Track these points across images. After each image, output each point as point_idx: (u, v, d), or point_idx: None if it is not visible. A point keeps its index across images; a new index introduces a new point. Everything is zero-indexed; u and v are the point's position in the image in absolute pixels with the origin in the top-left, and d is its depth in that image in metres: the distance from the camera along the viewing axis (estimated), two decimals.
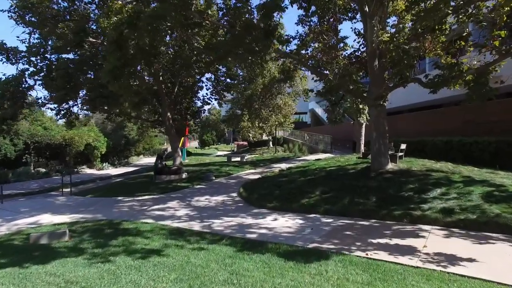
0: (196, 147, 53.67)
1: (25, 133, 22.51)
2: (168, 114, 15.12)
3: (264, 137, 35.73)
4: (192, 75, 15.64)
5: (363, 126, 16.44)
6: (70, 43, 8.92)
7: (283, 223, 5.86)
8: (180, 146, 25.23)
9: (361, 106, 15.77)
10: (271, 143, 32.65)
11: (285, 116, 29.14)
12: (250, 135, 32.43)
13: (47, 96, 10.75)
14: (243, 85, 31.10)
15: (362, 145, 16.46)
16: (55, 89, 8.88)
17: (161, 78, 15.21)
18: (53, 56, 9.04)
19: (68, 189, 12.62)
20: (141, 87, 9.68)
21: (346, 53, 9.92)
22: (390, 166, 8.53)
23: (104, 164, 28.28)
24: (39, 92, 48.69)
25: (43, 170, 22.86)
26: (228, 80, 19.29)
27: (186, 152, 30.66)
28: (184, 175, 12.65)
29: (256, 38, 7.59)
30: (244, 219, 6.30)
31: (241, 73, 31.26)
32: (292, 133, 34.13)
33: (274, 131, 30.05)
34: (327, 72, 8.67)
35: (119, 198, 9.01)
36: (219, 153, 38.39)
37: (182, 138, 24.49)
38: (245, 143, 40.67)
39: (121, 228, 5.67)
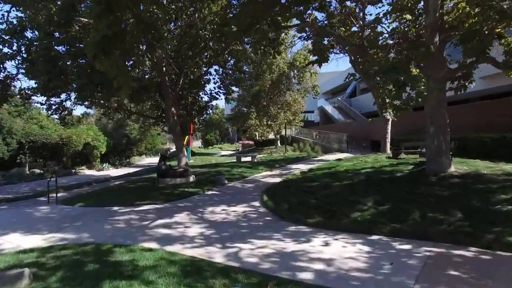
0: (199, 147, 51.99)
1: (19, 132, 20.82)
2: (173, 109, 13.36)
3: (271, 136, 33.99)
4: (199, 65, 13.87)
5: (389, 122, 14.63)
6: (56, 22, 7.16)
7: (342, 251, 4.09)
8: (185, 145, 23.53)
9: (387, 100, 13.98)
10: (279, 142, 30.86)
11: (294, 113, 27.36)
12: (257, 133, 30.66)
13: (32, 87, 8.98)
14: (249, 82, 29.42)
15: (388, 144, 14.64)
16: (36, 75, 7.16)
17: (164, 69, 13.46)
18: (33, 36, 7.31)
19: (59, 194, 10.91)
20: (140, 69, 7.92)
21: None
22: (453, 168, 6.73)
23: (104, 164, 26.52)
24: (25, 83, 45.90)
25: (39, 171, 21.17)
26: (237, 73, 17.50)
27: (190, 152, 28.89)
28: (191, 178, 10.89)
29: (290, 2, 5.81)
30: (282, 243, 4.53)
31: (247, 69, 29.63)
32: (300, 131, 32.35)
33: (282, 130, 28.27)
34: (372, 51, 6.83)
35: (115, 208, 7.25)
36: (224, 152, 36.63)
37: (187, 136, 22.74)
38: (251, 142, 38.88)
39: (111, 260, 3.90)
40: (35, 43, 7.03)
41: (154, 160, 27.66)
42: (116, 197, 8.52)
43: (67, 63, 7.27)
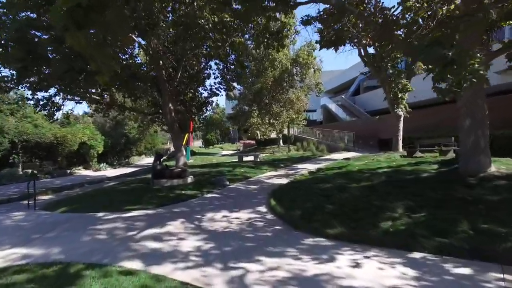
0: (200, 147, 51.04)
1: (11, 131, 19.87)
2: (170, 105, 12.40)
3: (273, 136, 33.01)
4: (198, 58, 12.89)
5: (401, 119, 13.62)
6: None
7: (379, 276, 3.09)
8: (184, 144, 22.56)
9: (400, 95, 12.98)
10: (281, 141, 29.87)
11: (297, 111, 26.38)
12: (259, 132, 29.67)
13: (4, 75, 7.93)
14: (251, 79, 28.49)
15: (400, 142, 13.63)
16: (9, 61, 6.20)
17: (161, 62, 12.49)
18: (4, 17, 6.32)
19: (45, 197, 9.96)
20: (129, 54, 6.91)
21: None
22: (494, 168, 5.73)
23: (102, 164, 25.58)
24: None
25: (33, 171, 20.21)
26: (239, 68, 16.51)
27: (190, 152, 27.95)
28: (189, 179, 9.91)
29: None
30: (299, 262, 3.54)
31: (248, 66, 28.64)
32: (303, 130, 31.36)
33: (285, 129, 27.28)
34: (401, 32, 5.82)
35: (100, 214, 6.27)
36: (225, 152, 35.64)
37: (187, 135, 21.75)
38: (252, 142, 37.91)
39: None
40: (8, 24, 6.09)
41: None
42: (104, 201, 7.54)
43: (48, 48, 6.32)
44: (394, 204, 4.98)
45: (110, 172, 22.24)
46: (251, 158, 16.72)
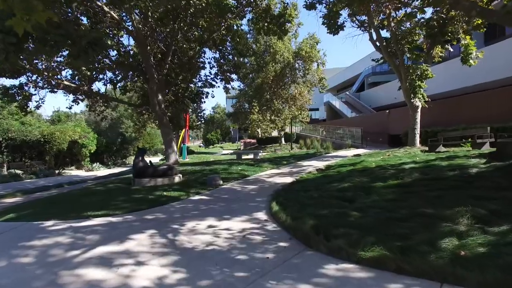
0: (200, 146, 49.60)
1: None
2: (159, 96, 10.90)
3: (274, 134, 31.49)
4: (189, 42, 11.38)
5: (419, 110, 12.04)
6: None
7: None
8: (180, 142, 21.00)
9: (417, 83, 11.41)
10: (283, 139, 28.33)
11: (300, 108, 24.84)
12: (259, 130, 28.13)
13: None
14: (251, 75, 27.03)
15: (418, 136, 12.04)
16: None
17: (148, 47, 10.99)
18: None
19: (13, 200, 8.45)
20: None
21: None
22: None
23: (95, 164, 24.12)
24: None
25: (19, 171, 18.76)
26: (237, 57, 14.98)
27: (188, 151, 26.43)
28: (177, 178, 8.40)
29: None
30: None
31: (248, 61, 27.22)
32: (306, 128, 29.82)
33: (287, 126, 25.73)
34: None
35: (48, 223, 4.74)
36: (225, 151, 34.12)
37: (183, 131, 20.22)
38: (253, 140, 36.38)
39: None
40: None
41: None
42: (66, 206, 6.03)
43: None
44: (451, 211, 3.41)
45: (103, 172, 20.76)
46: (250, 156, 15.19)
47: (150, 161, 8.90)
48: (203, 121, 33.61)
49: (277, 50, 22.94)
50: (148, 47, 10.88)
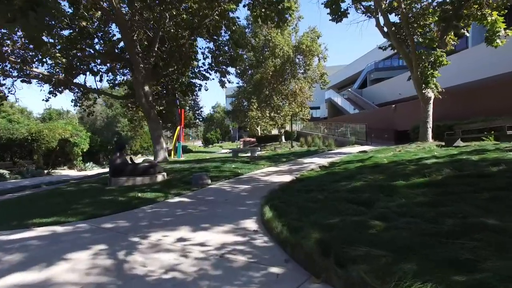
0: (199, 145, 48.57)
1: None
2: (146, 87, 9.82)
3: (274, 132, 30.37)
4: (178, 24, 10.27)
5: (431, 102, 10.89)
6: None
7: None
8: (175, 140, 19.89)
9: (430, 71, 10.26)
10: (283, 137, 27.19)
11: (301, 104, 23.70)
12: (259, 128, 27.00)
13: None
14: (250, 72, 25.94)
15: (430, 130, 10.90)
16: None
17: (134, 34, 9.90)
18: None
19: None
20: None
21: None
22: None
23: (88, 164, 23.03)
24: None
25: (5, 171, 17.70)
26: (233, 48, 13.84)
27: (186, 150, 25.34)
28: (160, 177, 7.29)
29: None
30: None
31: (247, 58, 26.11)
32: (306, 126, 28.70)
33: (287, 123, 24.61)
34: None
35: None
36: (224, 150, 33.03)
37: (177, 129, 19.11)
38: (253, 139, 35.26)
39: None
40: None
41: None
42: (14, 210, 4.94)
43: None
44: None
45: (96, 171, 19.70)
46: (248, 154, 14.08)
47: (130, 158, 7.81)
48: (200, 119, 32.60)
49: (277, 44, 21.82)
50: (133, 33, 9.79)
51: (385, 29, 11.00)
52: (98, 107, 35.39)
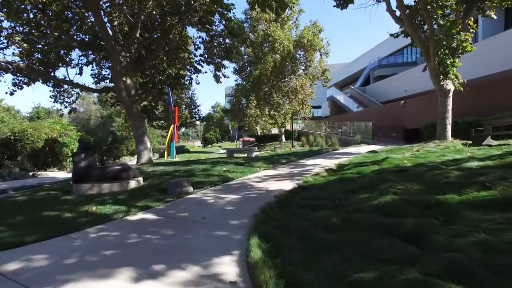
0: (198, 146, 47.31)
1: None
2: (127, 80, 8.52)
3: (274, 131, 29.02)
4: (162, 6, 8.94)
5: (450, 95, 9.53)
6: None
7: None
8: (168, 139, 18.57)
9: (451, 59, 8.91)
10: (283, 137, 25.85)
11: (301, 102, 22.36)
12: (258, 127, 25.65)
13: None
14: (248, 69, 24.64)
15: (450, 127, 9.54)
16: None
17: (114, 21, 8.61)
18: None
19: None
20: None
21: None
22: None
23: None
24: None
25: None
26: (228, 38, 12.53)
27: (183, 150, 24.01)
28: (134, 183, 5.97)
29: None
30: None
31: (246, 55, 24.83)
32: (307, 125, 27.36)
33: (287, 122, 23.26)
34: None
35: None
36: (222, 151, 31.72)
37: (171, 127, 17.79)
38: (252, 139, 33.93)
39: None
40: None
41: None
42: None
43: None
44: None
45: None
46: (244, 155, 12.76)
47: (100, 159, 6.46)
48: (197, 118, 31.27)
49: (276, 38, 20.47)
50: (110, 16, 8.47)
51: (398, 13, 9.66)
52: (92, 106, 34.12)
